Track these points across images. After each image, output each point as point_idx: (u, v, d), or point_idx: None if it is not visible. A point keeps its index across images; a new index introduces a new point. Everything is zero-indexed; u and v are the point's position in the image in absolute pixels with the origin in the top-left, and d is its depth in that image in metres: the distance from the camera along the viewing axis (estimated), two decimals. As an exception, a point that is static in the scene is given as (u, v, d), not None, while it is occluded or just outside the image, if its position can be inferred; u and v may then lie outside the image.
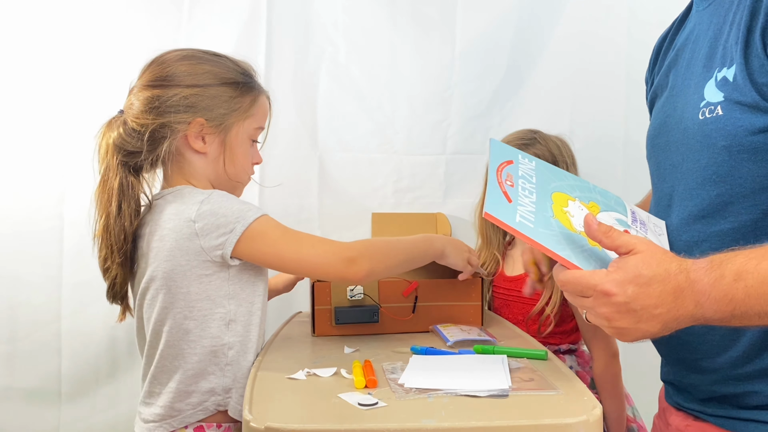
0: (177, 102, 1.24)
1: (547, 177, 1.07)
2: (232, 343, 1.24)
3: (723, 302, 0.84)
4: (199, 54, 1.31)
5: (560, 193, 1.04)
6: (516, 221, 0.95)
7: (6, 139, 1.89)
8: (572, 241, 0.96)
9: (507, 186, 1.00)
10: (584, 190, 1.08)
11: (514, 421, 0.92)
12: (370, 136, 2.07)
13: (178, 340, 1.23)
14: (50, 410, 1.93)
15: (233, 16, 1.97)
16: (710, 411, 1.04)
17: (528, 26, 2.05)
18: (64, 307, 1.92)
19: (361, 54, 2.05)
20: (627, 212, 1.07)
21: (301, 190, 2.06)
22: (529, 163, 1.09)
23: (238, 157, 1.32)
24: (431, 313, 1.45)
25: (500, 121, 2.07)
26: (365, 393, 1.03)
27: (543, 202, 1.01)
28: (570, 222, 0.99)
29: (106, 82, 1.87)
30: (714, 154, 0.97)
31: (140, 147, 1.24)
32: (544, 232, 0.96)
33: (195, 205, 1.21)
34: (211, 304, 1.23)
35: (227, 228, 1.19)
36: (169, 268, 1.21)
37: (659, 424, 1.19)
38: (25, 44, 1.90)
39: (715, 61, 0.99)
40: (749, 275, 0.83)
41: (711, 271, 0.85)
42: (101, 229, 1.26)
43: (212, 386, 1.24)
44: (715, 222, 0.98)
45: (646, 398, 1.78)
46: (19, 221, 1.89)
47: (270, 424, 0.91)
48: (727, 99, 0.95)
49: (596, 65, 2.06)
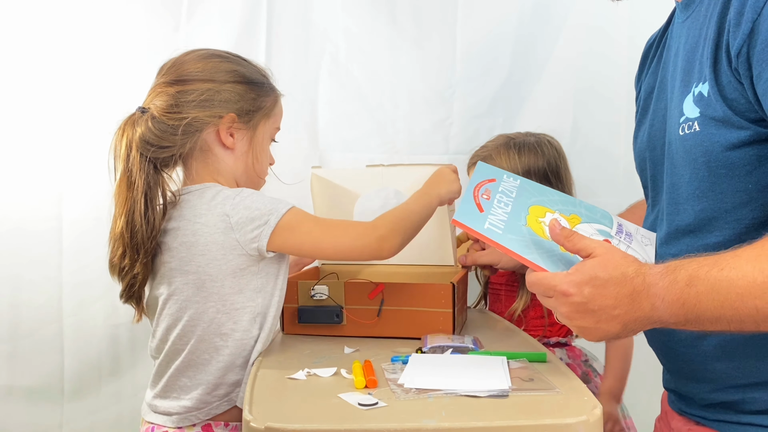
0: (208, 96, 1.27)
1: (529, 193, 1.12)
2: (259, 337, 1.29)
3: (676, 306, 0.87)
4: (221, 53, 1.35)
5: (539, 206, 1.09)
6: (484, 227, 1.02)
7: (4, 139, 1.89)
8: (541, 246, 1.01)
9: (482, 199, 1.06)
10: (568, 204, 1.11)
11: (514, 421, 0.92)
12: (370, 135, 2.07)
13: (211, 334, 1.26)
14: (53, 408, 1.93)
15: (233, 16, 1.97)
16: (711, 416, 1.05)
17: (531, 23, 2.05)
18: (65, 306, 1.92)
19: (362, 53, 2.05)
20: (613, 224, 1.09)
21: (301, 190, 2.05)
22: (513, 181, 1.14)
23: (262, 155, 1.37)
24: (397, 317, 1.39)
25: (504, 121, 2.06)
26: (365, 393, 1.03)
27: (518, 213, 1.06)
28: (543, 231, 1.03)
29: (105, 82, 1.87)
30: (695, 170, 0.98)
31: (173, 141, 1.26)
32: (512, 237, 1.01)
33: (229, 200, 1.24)
34: (243, 298, 1.26)
35: (262, 220, 1.23)
36: (204, 263, 1.24)
37: (661, 428, 1.20)
38: (23, 44, 1.89)
39: (693, 75, 1.00)
40: (700, 281, 0.86)
41: (666, 276, 0.88)
42: (121, 228, 1.24)
43: (238, 378, 1.28)
44: (701, 236, 1.00)
45: (647, 399, 1.78)
46: (18, 222, 1.88)
47: (270, 424, 0.91)
48: (703, 115, 0.95)
49: (599, 63, 2.06)
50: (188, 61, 1.30)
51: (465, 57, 2.04)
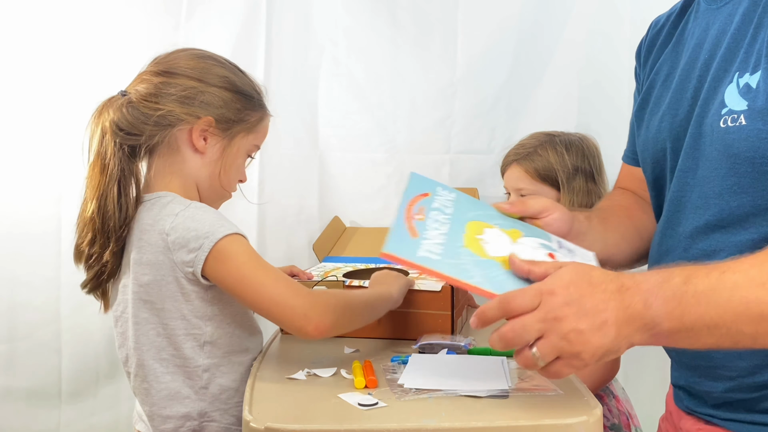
0: (191, 94, 1.22)
1: (465, 208, 1.02)
2: (208, 366, 1.19)
3: (672, 303, 0.80)
4: (218, 57, 1.30)
5: (477, 222, 0.99)
6: (417, 255, 0.90)
7: (3, 140, 1.89)
8: (483, 267, 0.91)
9: (416, 220, 0.95)
10: (507, 219, 1.03)
11: (514, 421, 0.91)
12: (371, 134, 2.06)
13: (150, 359, 1.19)
14: (50, 410, 1.93)
15: (233, 15, 1.97)
16: (722, 415, 1.01)
17: (533, 21, 2.03)
18: (63, 307, 1.92)
19: (362, 52, 2.04)
20: (552, 240, 1.03)
21: (301, 190, 2.05)
22: (448, 194, 1.03)
23: (232, 168, 1.28)
24: (397, 319, 1.37)
25: (506, 119, 2.05)
26: (365, 393, 1.03)
27: (456, 232, 0.95)
28: (482, 249, 0.94)
29: (104, 82, 1.84)
30: (736, 165, 0.93)
31: (142, 130, 1.19)
32: (450, 262, 0.90)
33: (170, 216, 1.16)
34: (186, 324, 1.18)
35: (197, 243, 1.13)
36: (145, 282, 1.17)
37: (666, 428, 1.17)
38: (22, 44, 1.90)
39: (734, 64, 0.95)
40: (699, 280, 0.80)
41: (656, 274, 0.83)
42: (92, 213, 1.19)
43: (187, 410, 1.19)
44: (735, 232, 0.94)
45: (647, 399, 1.78)
46: (18, 222, 1.89)
47: (270, 424, 0.91)
48: (751, 108, 0.90)
49: (603, 62, 2.04)
50: (182, 56, 1.26)
51: (466, 55, 2.03)
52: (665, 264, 0.97)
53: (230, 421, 1.21)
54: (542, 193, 1.68)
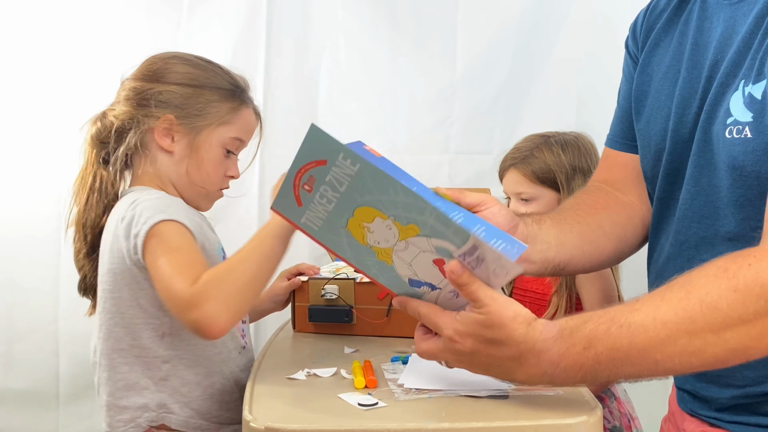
0: (147, 96, 1.24)
1: (364, 188, 0.87)
2: (168, 357, 1.18)
3: (573, 370, 0.84)
4: (187, 56, 1.30)
5: (370, 208, 0.89)
6: (301, 221, 0.93)
7: (4, 140, 1.89)
8: (356, 250, 0.92)
9: (303, 190, 0.90)
10: (414, 210, 0.87)
11: (514, 422, 0.91)
12: (370, 135, 2.06)
13: (108, 348, 1.19)
14: (48, 412, 1.92)
15: (233, 15, 1.97)
16: (727, 417, 1.00)
17: (532, 21, 2.04)
18: (62, 308, 1.91)
19: (362, 52, 2.05)
20: (465, 245, 0.87)
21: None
22: (350, 166, 0.87)
23: (203, 163, 1.26)
24: (406, 317, 1.37)
25: (505, 120, 2.05)
26: (365, 393, 1.02)
27: (340, 213, 0.90)
28: (364, 235, 0.91)
29: (104, 82, 1.84)
30: (741, 177, 0.90)
31: (109, 138, 1.23)
32: (329, 237, 0.93)
33: (127, 205, 1.17)
34: (143, 313, 1.17)
35: (136, 229, 1.12)
36: (105, 270, 1.18)
37: (668, 429, 1.15)
38: (22, 45, 1.89)
39: (741, 70, 0.91)
40: (599, 342, 0.82)
41: (559, 341, 0.84)
42: (74, 221, 1.25)
43: (145, 401, 1.18)
44: (745, 244, 0.89)
45: (647, 399, 1.77)
46: (17, 223, 1.89)
47: (270, 424, 0.91)
48: (756, 120, 0.87)
49: (602, 62, 2.03)
50: (147, 61, 1.28)
51: (465, 56, 2.04)
52: (667, 271, 0.96)
53: (189, 414, 1.20)
54: (542, 195, 1.67)
